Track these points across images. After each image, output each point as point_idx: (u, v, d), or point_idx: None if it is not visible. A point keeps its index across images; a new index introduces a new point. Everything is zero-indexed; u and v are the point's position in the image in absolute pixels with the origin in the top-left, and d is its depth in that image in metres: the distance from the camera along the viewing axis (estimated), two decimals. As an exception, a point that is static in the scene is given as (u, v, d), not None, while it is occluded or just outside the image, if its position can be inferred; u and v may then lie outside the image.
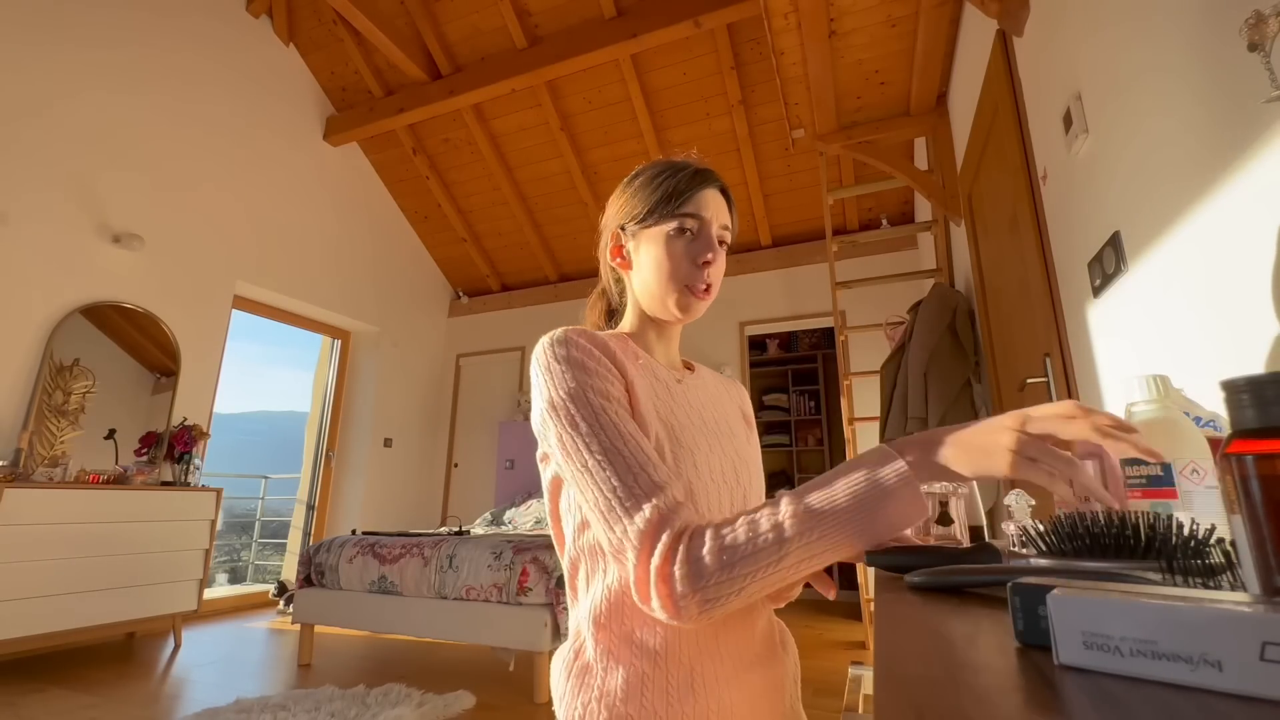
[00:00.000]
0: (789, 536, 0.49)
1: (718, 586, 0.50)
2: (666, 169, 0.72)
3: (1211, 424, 0.63)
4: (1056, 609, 0.28)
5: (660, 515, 0.53)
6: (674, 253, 0.69)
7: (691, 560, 0.50)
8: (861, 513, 0.49)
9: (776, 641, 0.69)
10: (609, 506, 0.55)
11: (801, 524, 0.50)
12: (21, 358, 2.97)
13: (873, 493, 0.49)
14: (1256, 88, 0.75)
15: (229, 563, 5.85)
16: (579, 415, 0.58)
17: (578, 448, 0.57)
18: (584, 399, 0.58)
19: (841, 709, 0.81)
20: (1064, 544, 0.48)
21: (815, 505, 0.50)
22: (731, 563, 0.50)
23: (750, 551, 0.50)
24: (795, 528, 0.50)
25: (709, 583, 0.50)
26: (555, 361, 0.61)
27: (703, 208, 0.69)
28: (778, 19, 2.37)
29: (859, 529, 0.49)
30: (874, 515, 0.49)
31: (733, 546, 0.50)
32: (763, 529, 0.50)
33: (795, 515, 0.50)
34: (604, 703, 0.58)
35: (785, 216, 4.64)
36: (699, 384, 0.77)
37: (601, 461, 0.56)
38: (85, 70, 3.34)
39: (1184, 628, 0.25)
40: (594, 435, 0.57)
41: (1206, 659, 0.24)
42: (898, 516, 0.49)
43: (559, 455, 0.59)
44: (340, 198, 4.85)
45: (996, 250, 2.13)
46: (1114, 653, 0.26)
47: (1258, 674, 0.23)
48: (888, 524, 0.50)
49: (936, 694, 0.26)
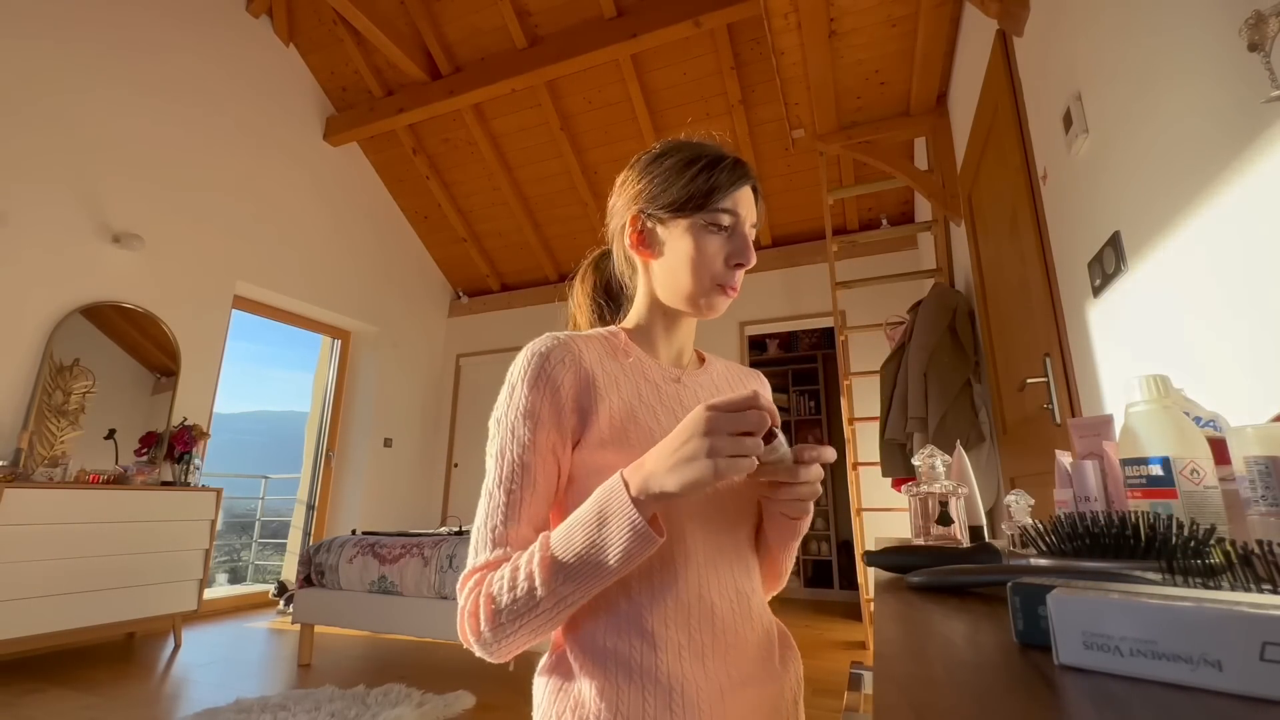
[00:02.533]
0: (538, 591, 0.53)
1: (492, 634, 0.55)
2: (702, 157, 0.68)
3: (1211, 424, 0.63)
4: (1056, 608, 0.28)
5: (486, 566, 0.58)
6: (710, 250, 0.66)
7: (473, 612, 0.56)
8: (596, 560, 0.53)
9: (774, 657, 0.65)
10: (474, 535, 0.61)
11: (547, 575, 0.53)
12: (21, 358, 2.98)
13: (603, 537, 0.53)
14: (1256, 88, 0.75)
15: (229, 563, 5.85)
16: (495, 448, 0.62)
17: (487, 470, 0.63)
18: (507, 437, 0.61)
19: (841, 709, 0.81)
20: (1064, 544, 0.48)
21: (558, 555, 0.54)
22: (495, 614, 0.55)
23: (509, 603, 0.54)
24: (542, 580, 0.53)
25: (483, 634, 0.55)
26: (510, 383, 0.64)
27: (740, 204, 0.67)
28: (778, 19, 2.37)
29: (598, 573, 0.53)
30: (605, 562, 0.52)
31: (496, 598, 0.55)
32: (519, 582, 0.54)
33: (542, 565, 0.54)
34: (577, 714, 0.56)
35: (785, 216, 4.64)
36: (702, 381, 0.73)
37: (488, 498, 0.61)
38: (85, 70, 3.33)
39: (1184, 628, 0.25)
40: (492, 472, 0.61)
41: (1206, 659, 0.24)
42: (630, 557, 0.52)
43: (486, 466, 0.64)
44: (340, 198, 4.85)
45: (996, 250, 2.13)
46: (1114, 653, 0.26)
47: (1258, 674, 0.23)
48: (625, 561, 0.52)
49: (936, 694, 0.26)
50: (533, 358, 0.63)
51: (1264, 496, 0.45)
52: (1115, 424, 0.68)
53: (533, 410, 0.61)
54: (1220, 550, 0.38)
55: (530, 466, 0.60)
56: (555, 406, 0.61)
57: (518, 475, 0.60)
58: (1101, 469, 0.65)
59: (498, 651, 0.56)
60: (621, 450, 0.61)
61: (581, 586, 0.53)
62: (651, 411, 0.65)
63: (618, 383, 0.65)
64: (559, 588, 0.53)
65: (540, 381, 0.61)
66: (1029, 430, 1.85)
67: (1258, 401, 0.79)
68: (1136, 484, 0.56)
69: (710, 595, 0.60)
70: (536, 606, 0.53)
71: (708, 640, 0.59)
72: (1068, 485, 0.70)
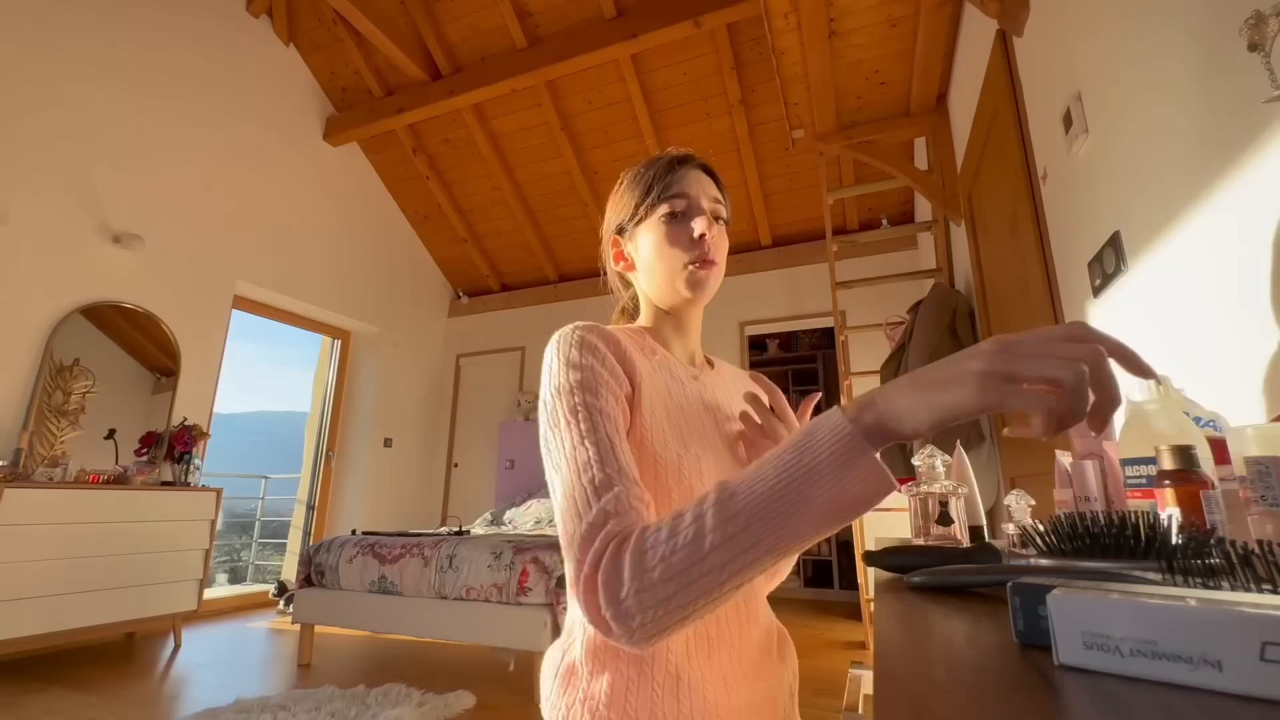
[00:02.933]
0: (708, 538, 0.41)
1: (637, 600, 0.42)
2: (646, 164, 0.73)
3: (1211, 424, 0.63)
4: (1056, 609, 0.28)
5: (604, 517, 0.47)
6: (670, 235, 0.68)
7: (614, 573, 0.44)
8: (791, 493, 0.40)
9: (774, 653, 0.68)
10: (566, 507, 0.51)
11: (722, 517, 0.41)
12: (21, 358, 2.97)
13: (804, 465, 0.40)
14: (1256, 88, 0.75)
15: (229, 563, 5.85)
16: (563, 414, 0.56)
17: (559, 443, 0.55)
18: (572, 400, 0.57)
19: (841, 709, 0.81)
20: (1064, 544, 0.48)
21: (739, 494, 0.42)
22: (643, 572, 0.43)
23: (665, 555, 0.42)
24: (715, 524, 0.41)
25: (623, 602, 0.43)
26: (557, 360, 0.60)
27: (687, 186, 0.69)
28: (778, 19, 2.37)
29: (791, 513, 0.40)
30: (806, 495, 0.40)
31: (649, 550, 0.43)
32: (683, 527, 0.43)
33: (718, 505, 0.42)
34: (587, 705, 0.57)
35: (785, 216, 4.64)
36: (717, 382, 0.76)
37: (570, 460, 0.53)
38: (85, 70, 3.33)
39: (1184, 628, 0.25)
40: (568, 435, 0.54)
41: (1206, 659, 0.24)
42: (845, 492, 0.40)
43: (543, 451, 0.57)
44: (340, 198, 4.84)
45: (996, 250, 2.13)
46: (1114, 653, 0.26)
47: (1258, 674, 0.23)
48: (832, 503, 0.40)
49: (936, 694, 0.26)
50: (579, 332, 0.62)
51: (1264, 496, 0.45)
52: (1115, 424, 0.68)
53: (595, 370, 0.59)
54: (1220, 550, 0.38)
55: (611, 415, 0.56)
56: (612, 370, 0.60)
57: (600, 424, 0.54)
58: (1101, 469, 0.65)
59: (642, 626, 0.43)
60: (659, 444, 0.61)
61: (770, 532, 0.40)
62: (679, 408, 0.66)
63: (650, 376, 0.66)
64: (737, 535, 0.41)
65: (588, 348, 0.60)
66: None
67: (1258, 402, 0.80)
68: (1137, 484, 0.56)
69: None
70: (704, 559, 0.41)
71: (713, 634, 0.61)
72: (1068, 485, 0.70)
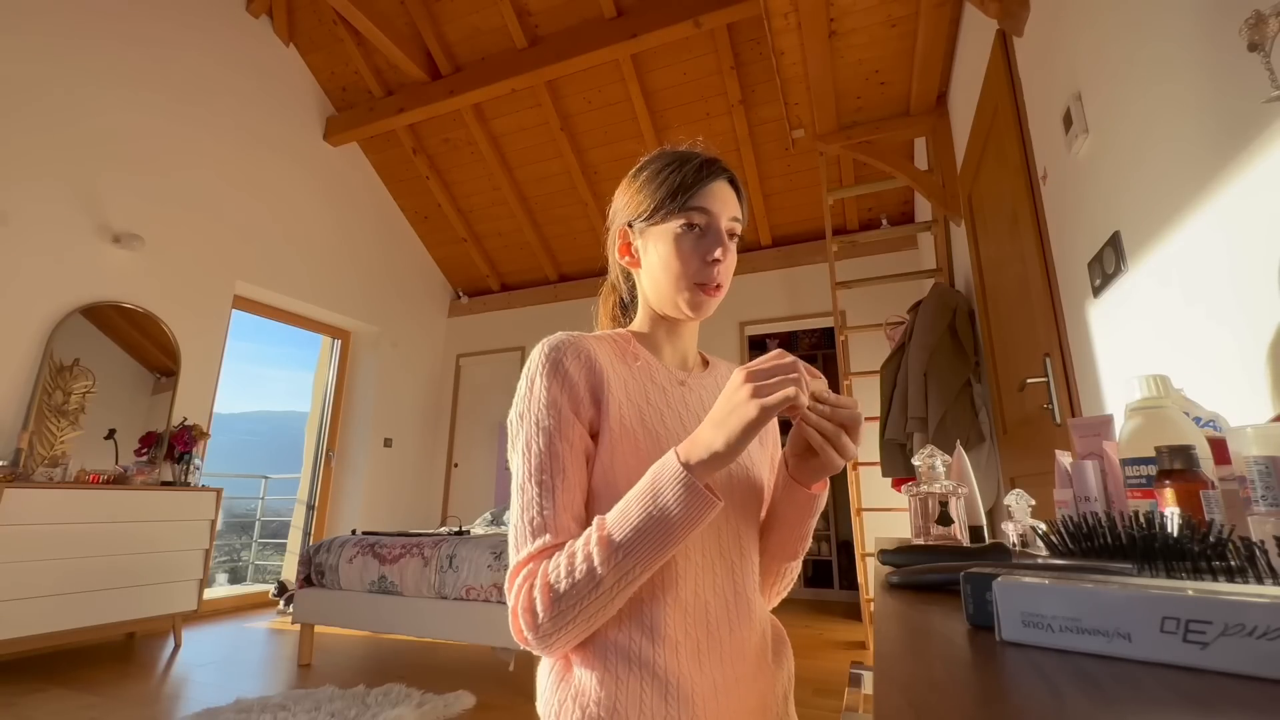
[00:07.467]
0: (599, 571, 0.53)
1: (552, 623, 0.55)
2: (672, 161, 0.69)
3: (1211, 424, 0.63)
4: (1000, 593, 0.33)
5: (529, 559, 0.58)
6: (683, 251, 0.66)
7: (527, 606, 0.56)
8: (655, 526, 0.53)
9: (768, 656, 0.67)
10: (510, 533, 0.61)
11: (607, 553, 0.54)
12: (21, 358, 2.97)
13: (659, 505, 0.53)
14: (1256, 88, 0.75)
15: (229, 563, 5.85)
16: (520, 444, 0.62)
17: (515, 469, 0.62)
18: (530, 430, 0.62)
19: (841, 709, 0.81)
20: (1064, 544, 0.48)
21: (615, 533, 0.54)
22: (555, 602, 0.54)
23: (569, 588, 0.54)
24: (602, 559, 0.53)
25: (541, 626, 0.55)
26: (525, 381, 0.64)
27: (711, 201, 0.67)
28: (778, 19, 2.37)
29: (660, 542, 0.53)
30: (668, 528, 0.53)
31: (555, 585, 0.55)
32: (577, 565, 0.54)
33: (600, 544, 0.54)
34: (578, 702, 0.58)
35: (785, 216, 4.64)
36: (707, 384, 0.74)
37: (519, 492, 0.61)
38: (85, 70, 3.33)
39: (1102, 606, 0.29)
40: (522, 466, 0.61)
41: (1119, 632, 0.28)
42: (691, 515, 0.53)
43: (509, 459, 0.65)
44: (340, 198, 4.84)
45: (996, 250, 2.13)
46: (1046, 629, 0.31)
47: (1158, 643, 0.27)
48: (685, 528, 0.53)
49: (936, 694, 0.27)
50: (549, 351, 0.64)
51: (1264, 496, 0.45)
52: (1115, 424, 0.68)
53: (554, 400, 0.62)
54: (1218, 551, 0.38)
55: (559, 454, 0.61)
56: (573, 396, 0.62)
57: (547, 464, 0.60)
58: (1101, 469, 0.65)
59: (556, 642, 0.56)
60: (630, 455, 0.62)
61: (643, 560, 0.53)
62: (658, 414, 0.66)
63: (626, 385, 0.66)
64: (620, 563, 0.53)
65: (558, 373, 0.63)
66: (1029, 430, 1.85)
67: (1258, 401, 0.80)
68: (1137, 484, 0.56)
69: (706, 596, 0.62)
70: (598, 587, 0.53)
71: (703, 639, 0.60)
72: (1068, 485, 0.70)
